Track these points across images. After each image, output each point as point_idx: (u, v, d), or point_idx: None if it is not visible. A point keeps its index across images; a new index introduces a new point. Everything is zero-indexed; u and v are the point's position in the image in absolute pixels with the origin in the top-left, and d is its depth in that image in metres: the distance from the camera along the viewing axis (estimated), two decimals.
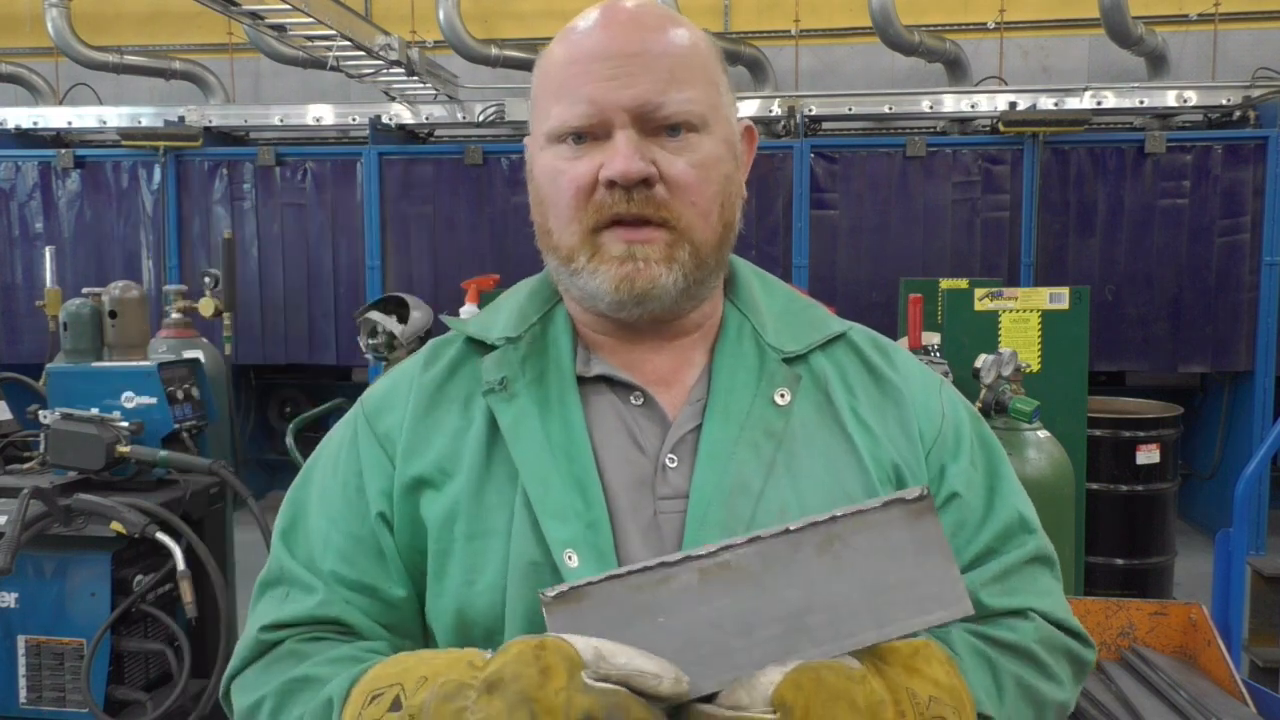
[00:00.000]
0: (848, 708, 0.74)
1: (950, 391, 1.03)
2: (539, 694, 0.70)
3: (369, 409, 0.99)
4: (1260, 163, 5.61)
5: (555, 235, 0.93)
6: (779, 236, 5.93)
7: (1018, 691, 0.90)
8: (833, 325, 1.01)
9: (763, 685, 0.75)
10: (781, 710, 0.73)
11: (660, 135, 0.89)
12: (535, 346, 0.96)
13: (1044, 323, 3.54)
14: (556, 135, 0.91)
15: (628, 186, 0.88)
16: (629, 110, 0.88)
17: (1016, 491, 1.01)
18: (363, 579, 0.93)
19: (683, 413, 0.94)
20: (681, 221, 0.90)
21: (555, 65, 0.93)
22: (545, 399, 0.93)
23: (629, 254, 0.89)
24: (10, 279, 6.49)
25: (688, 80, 0.90)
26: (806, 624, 0.79)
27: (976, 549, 0.95)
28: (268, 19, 5.32)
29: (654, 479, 0.91)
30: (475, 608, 0.89)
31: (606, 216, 0.89)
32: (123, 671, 2.68)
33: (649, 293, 0.90)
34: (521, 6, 7.54)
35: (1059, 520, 3.08)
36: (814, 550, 0.80)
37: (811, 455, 0.92)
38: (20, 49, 7.73)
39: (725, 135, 0.94)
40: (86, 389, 2.87)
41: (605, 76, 0.88)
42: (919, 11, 6.84)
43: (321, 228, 6.36)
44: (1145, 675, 2.27)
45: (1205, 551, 4.72)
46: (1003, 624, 0.93)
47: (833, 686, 0.75)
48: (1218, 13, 6.82)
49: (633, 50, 0.89)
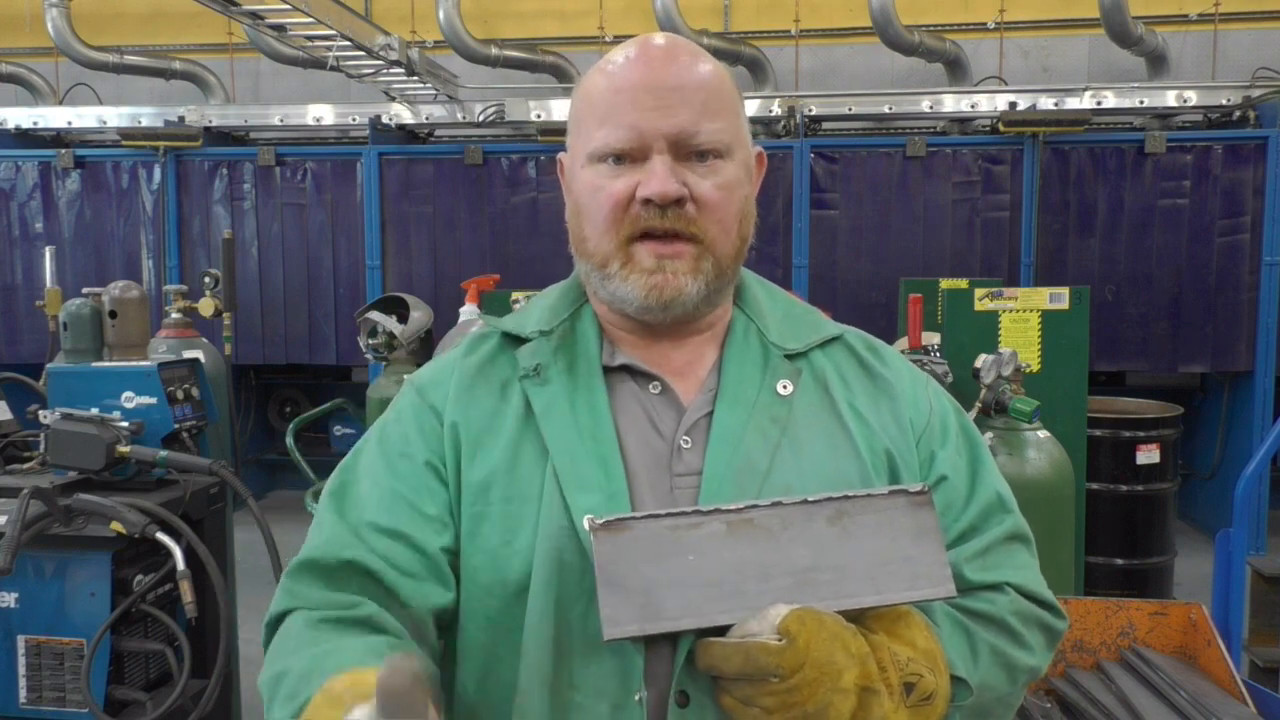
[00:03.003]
0: (843, 648, 0.87)
1: (936, 387, 1.14)
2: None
3: (420, 384, 1.10)
4: (1260, 163, 5.61)
5: (591, 243, 1.04)
6: (779, 236, 5.94)
7: (992, 657, 0.99)
8: (829, 328, 1.12)
9: (771, 616, 0.87)
10: (787, 637, 0.85)
11: (691, 160, 1.01)
12: (566, 339, 1.08)
13: (1044, 323, 3.54)
14: (599, 155, 1.02)
15: (663, 205, 0.99)
16: (668, 137, 1.00)
17: (995, 475, 1.11)
18: (398, 527, 1.00)
19: (696, 400, 1.05)
20: (708, 236, 1.01)
21: (598, 92, 1.03)
22: (574, 385, 1.04)
23: (659, 266, 1.01)
24: (10, 279, 6.49)
25: (718, 112, 1.02)
26: (814, 580, 0.91)
27: (961, 526, 1.05)
28: (268, 19, 5.32)
29: (670, 458, 1.02)
30: (511, 567, 0.99)
31: (639, 229, 1.00)
32: (123, 671, 2.68)
33: (675, 300, 1.01)
34: (521, 6, 7.54)
35: (1059, 520, 3.08)
36: (826, 521, 0.92)
37: (812, 440, 1.03)
38: (20, 49, 7.74)
39: (744, 160, 1.06)
40: (86, 389, 2.86)
41: (648, 106, 0.99)
42: (919, 11, 6.85)
43: (321, 228, 6.36)
44: (1145, 675, 2.27)
45: (1205, 551, 4.72)
46: (981, 597, 1.02)
47: (832, 629, 0.87)
48: (1218, 13, 6.82)
49: (672, 84, 1.00)
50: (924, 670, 0.91)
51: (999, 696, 1.00)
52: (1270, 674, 3.31)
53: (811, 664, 0.85)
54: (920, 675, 0.90)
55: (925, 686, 0.90)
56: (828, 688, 0.85)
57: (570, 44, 7.22)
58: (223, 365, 5.12)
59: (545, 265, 6.05)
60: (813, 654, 0.85)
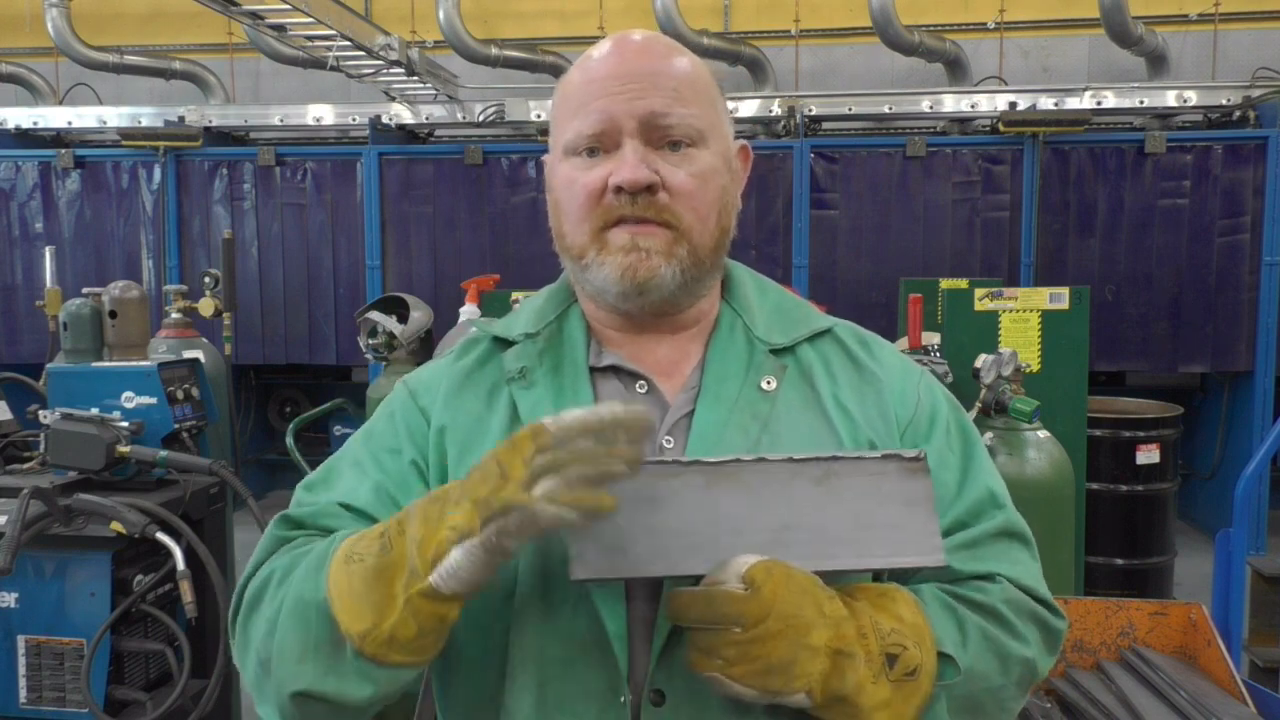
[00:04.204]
0: (812, 604, 0.85)
1: (930, 381, 1.12)
2: (506, 454, 0.83)
3: (412, 387, 1.11)
4: (1260, 163, 5.61)
5: (568, 236, 1.04)
6: (779, 236, 5.93)
7: (983, 642, 0.96)
8: (819, 321, 1.11)
9: (737, 564, 0.86)
10: (751, 587, 0.83)
11: (664, 149, 1.00)
12: (552, 341, 1.07)
13: (1044, 323, 3.54)
14: (572, 148, 1.02)
15: (634, 192, 0.98)
16: (638, 119, 0.99)
17: (989, 472, 1.08)
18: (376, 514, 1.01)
19: (679, 399, 1.04)
20: (682, 223, 1.00)
21: (573, 86, 1.04)
22: (560, 386, 1.04)
23: (633, 244, 0.99)
24: (10, 279, 6.49)
25: (691, 99, 1.01)
26: (791, 538, 0.88)
27: (948, 522, 1.02)
28: (268, 19, 5.32)
29: None
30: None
31: (613, 217, 1.00)
32: (123, 671, 2.68)
33: (650, 282, 0.99)
34: (521, 6, 7.54)
35: (1059, 520, 3.08)
36: (810, 481, 0.90)
37: (794, 435, 1.01)
38: (20, 49, 7.74)
39: (722, 151, 1.05)
40: (86, 389, 2.86)
41: (617, 92, 0.99)
42: (919, 11, 6.85)
43: (321, 228, 6.36)
44: (1145, 675, 2.27)
45: (1205, 551, 4.72)
46: (971, 585, 1.00)
47: (801, 583, 0.85)
48: (1218, 13, 6.82)
49: (645, 71, 1.00)
50: (908, 643, 0.88)
51: (991, 688, 0.96)
52: (1270, 674, 3.31)
53: (776, 615, 0.83)
54: (904, 648, 0.87)
55: (909, 659, 0.88)
56: (793, 642, 0.83)
57: (570, 44, 7.22)
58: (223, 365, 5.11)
59: (545, 265, 6.03)
60: (778, 606, 0.83)
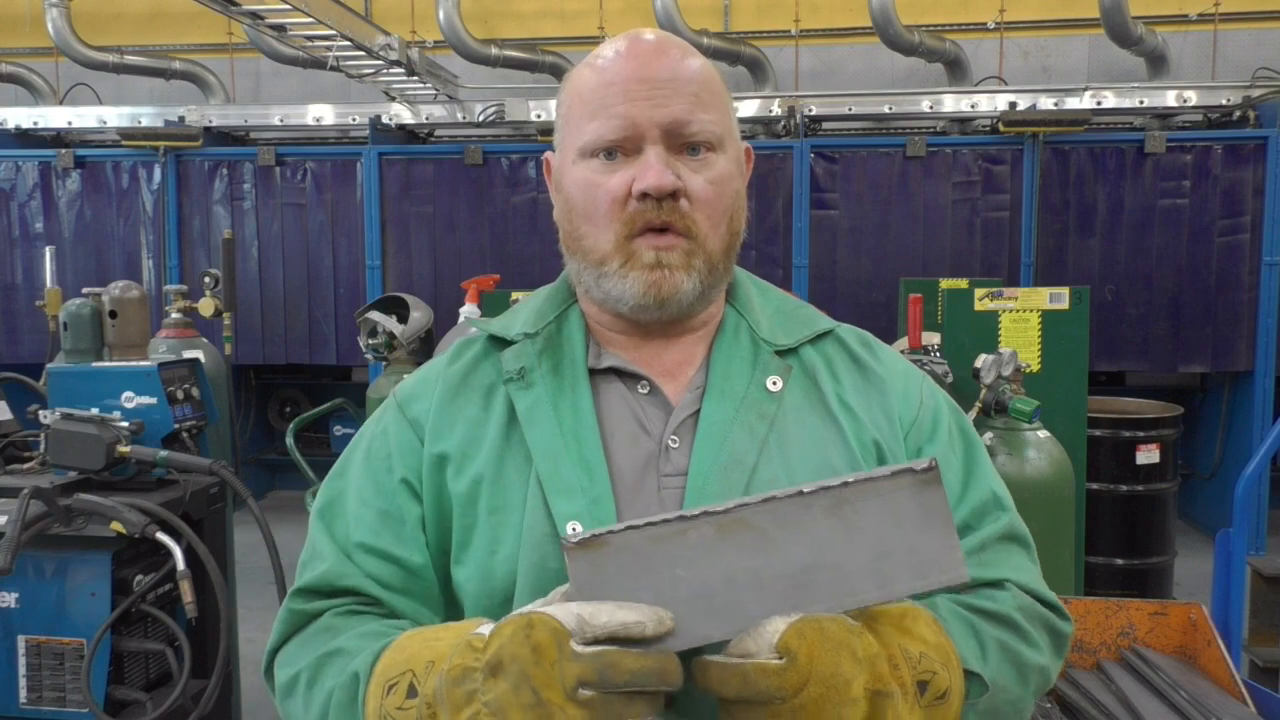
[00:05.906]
0: (849, 656, 0.80)
1: (930, 385, 1.12)
2: (535, 670, 0.76)
3: (401, 398, 1.09)
4: (1260, 163, 5.61)
5: (588, 240, 1.02)
6: (779, 236, 5.93)
7: (1001, 654, 0.95)
8: (821, 323, 1.11)
9: (768, 634, 0.80)
10: (786, 656, 0.78)
11: (683, 154, 1.00)
12: (551, 342, 1.06)
13: (1044, 323, 3.54)
14: (590, 150, 1.00)
15: (659, 198, 0.97)
16: (661, 127, 0.99)
17: (992, 475, 1.08)
18: (389, 549, 1.02)
19: (684, 399, 1.03)
20: (699, 231, 1.00)
21: (588, 87, 1.02)
22: (559, 388, 1.02)
23: (658, 262, 0.99)
24: (10, 279, 6.49)
25: (710, 104, 1.01)
26: (813, 581, 0.83)
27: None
28: (268, 19, 5.32)
29: (659, 459, 1.00)
30: (496, 576, 0.98)
31: (640, 225, 0.99)
32: (123, 671, 2.68)
33: (671, 298, 1.00)
34: (521, 6, 7.54)
35: (1059, 520, 3.08)
36: (824, 512, 0.84)
37: (801, 435, 1.01)
38: (20, 49, 7.73)
39: (735, 155, 1.05)
40: (86, 389, 2.86)
41: (640, 97, 0.99)
42: (919, 11, 6.85)
43: (321, 228, 6.36)
44: (1145, 675, 2.27)
45: (1205, 551, 4.72)
46: (982, 593, 0.99)
47: (835, 636, 0.80)
48: (1218, 13, 6.82)
49: (665, 76, 1.00)
50: (937, 666, 0.86)
51: (1011, 699, 0.94)
52: (1270, 674, 3.31)
53: (816, 680, 0.78)
54: (934, 672, 0.85)
55: (939, 684, 0.85)
56: (836, 702, 0.79)
57: (570, 44, 7.22)
58: (223, 365, 5.12)
59: (545, 265, 6.05)
60: (816, 669, 0.78)
